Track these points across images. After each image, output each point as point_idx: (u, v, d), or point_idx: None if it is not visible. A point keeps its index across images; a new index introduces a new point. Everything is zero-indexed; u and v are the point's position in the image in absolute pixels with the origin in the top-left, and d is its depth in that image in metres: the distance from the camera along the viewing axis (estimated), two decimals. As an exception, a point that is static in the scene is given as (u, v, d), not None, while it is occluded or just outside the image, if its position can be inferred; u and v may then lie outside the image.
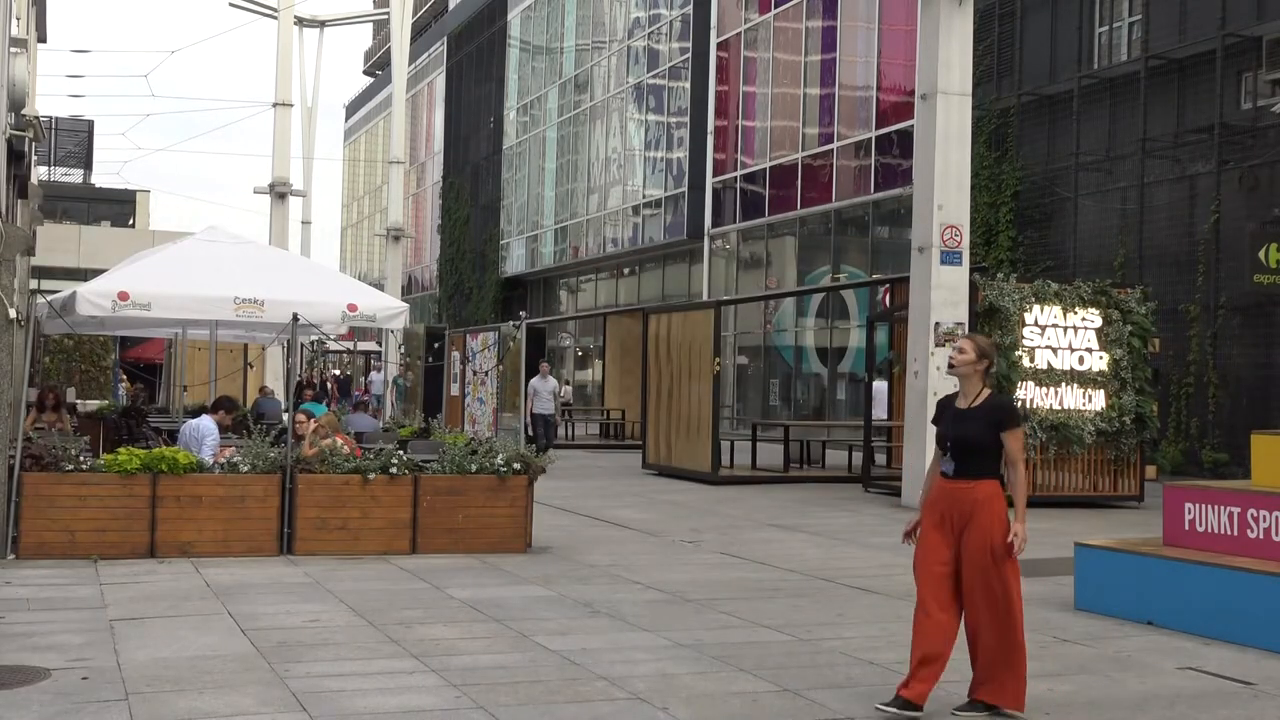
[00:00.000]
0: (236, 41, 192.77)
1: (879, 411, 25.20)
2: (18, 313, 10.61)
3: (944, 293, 16.32)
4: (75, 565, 10.16)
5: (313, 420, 12.32)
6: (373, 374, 32.18)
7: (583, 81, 44.04)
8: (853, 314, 29.45)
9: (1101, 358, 17.05)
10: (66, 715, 5.97)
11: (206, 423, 12.41)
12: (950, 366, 6.46)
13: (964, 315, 16.37)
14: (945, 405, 6.51)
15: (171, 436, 14.33)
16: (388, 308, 14.17)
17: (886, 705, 6.21)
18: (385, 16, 47.70)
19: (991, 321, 16.54)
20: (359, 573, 10.22)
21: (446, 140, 57.81)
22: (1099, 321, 17.12)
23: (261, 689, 6.52)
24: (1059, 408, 16.74)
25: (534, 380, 22.35)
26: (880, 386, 26.95)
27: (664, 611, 8.89)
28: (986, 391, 6.39)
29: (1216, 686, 7.00)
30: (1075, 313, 17.00)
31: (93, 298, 12.52)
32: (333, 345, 36.74)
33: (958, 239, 16.44)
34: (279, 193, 36.59)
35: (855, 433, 22.22)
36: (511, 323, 25.18)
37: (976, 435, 6.27)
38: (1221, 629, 8.13)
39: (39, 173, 34.61)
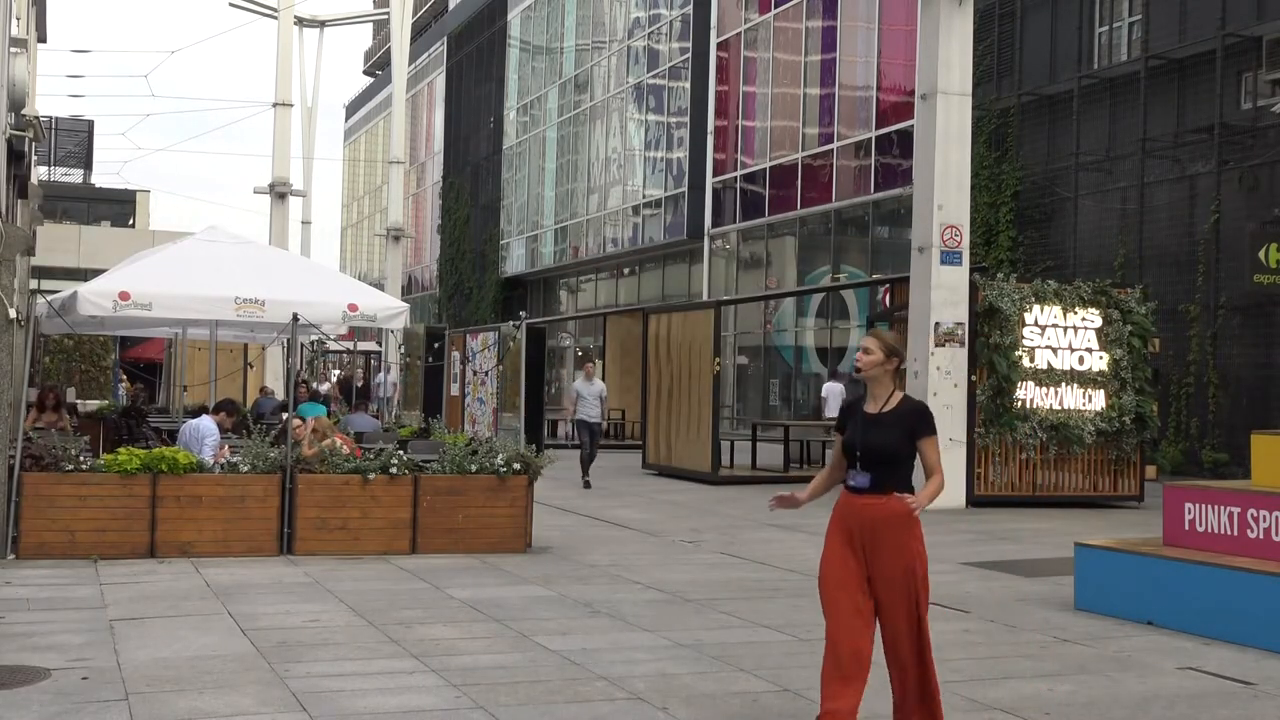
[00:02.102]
0: (236, 41, 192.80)
1: (831, 412, 25.69)
2: (18, 313, 10.61)
3: (944, 293, 16.33)
4: (75, 565, 10.16)
5: (309, 420, 12.33)
6: (379, 374, 32.10)
7: (583, 81, 44.03)
8: (853, 314, 29.45)
9: (1101, 358, 17.06)
10: (66, 715, 5.97)
11: (206, 423, 12.40)
12: (856, 370, 5.80)
13: (964, 315, 16.39)
14: (851, 410, 5.82)
15: (171, 436, 14.34)
16: (388, 308, 14.16)
17: None
18: (385, 16, 47.73)
19: (991, 321, 16.56)
20: (359, 573, 10.22)
21: (446, 140, 57.81)
22: (1099, 321, 17.13)
23: (261, 689, 6.52)
24: (1059, 408, 16.75)
25: (577, 383, 19.70)
26: (831, 387, 27.42)
27: (664, 611, 8.89)
28: (898, 394, 5.74)
29: (1216, 686, 6.99)
30: (1075, 313, 17.01)
31: (93, 298, 12.52)
32: (333, 345, 36.71)
33: (958, 239, 16.45)
34: (279, 193, 36.62)
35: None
36: (511, 323, 25.14)
37: (889, 444, 5.59)
38: (1221, 629, 8.13)
39: (39, 173, 34.62)
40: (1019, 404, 16.54)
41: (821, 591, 5.73)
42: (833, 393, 26.97)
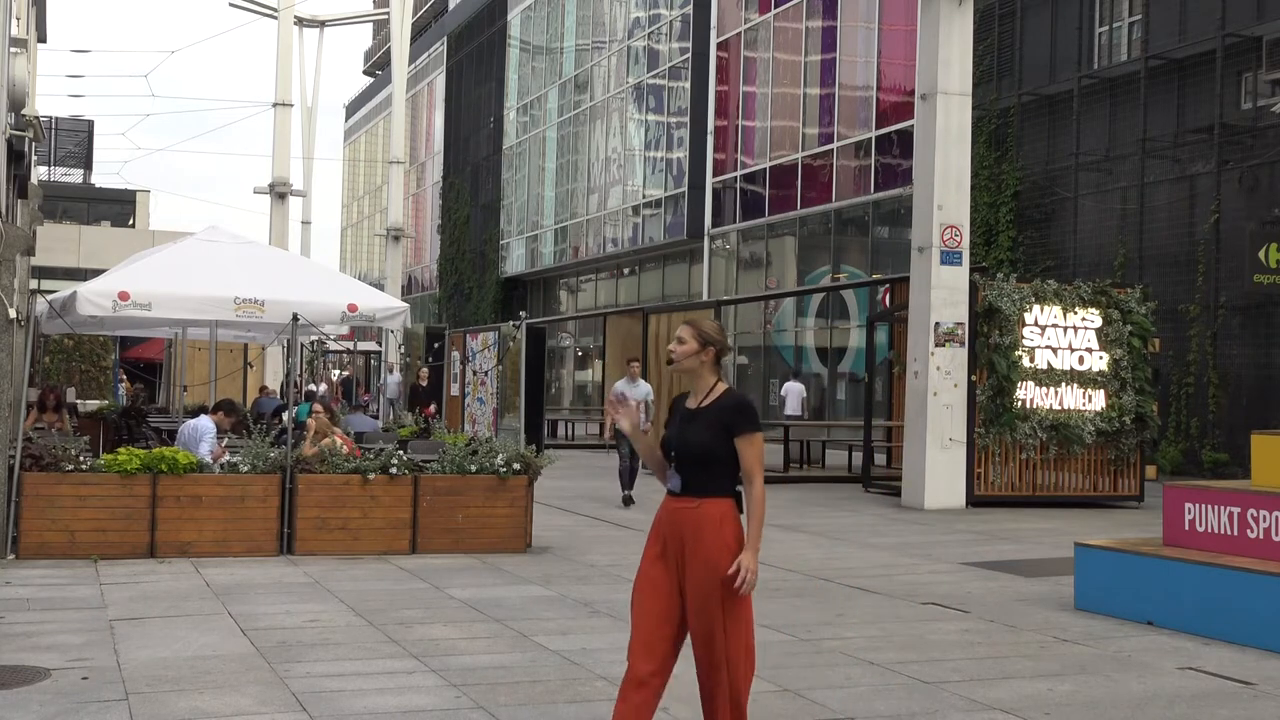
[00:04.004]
0: (236, 41, 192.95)
1: (790, 410, 25.93)
2: (18, 313, 10.61)
3: (944, 293, 16.33)
4: (75, 565, 10.16)
5: (309, 421, 12.34)
6: (387, 375, 32.05)
7: (583, 81, 44.04)
8: (853, 314, 29.45)
9: (1101, 358, 17.06)
10: (66, 715, 5.97)
11: (205, 422, 12.42)
12: (669, 361, 5.24)
13: (964, 315, 16.39)
14: (675, 405, 5.24)
15: (171, 436, 14.34)
16: (388, 308, 14.16)
17: None
18: (385, 16, 47.73)
19: (991, 321, 16.56)
20: (359, 573, 10.22)
21: (446, 140, 57.82)
22: (1099, 321, 17.12)
23: (261, 689, 6.52)
24: (1059, 408, 16.75)
25: (619, 384, 15.98)
26: (791, 386, 27.64)
27: (664, 611, 8.88)
28: (721, 387, 5.09)
29: (1216, 686, 6.99)
30: (1075, 313, 17.01)
31: (93, 298, 12.52)
32: (333, 345, 36.75)
33: (958, 239, 16.45)
34: (279, 193, 36.65)
35: (855, 433, 22.23)
36: (511, 323, 25.13)
37: (704, 441, 4.96)
38: (1221, 629, 8.13)
39: (39, 173, 34.63)
40: (1019, 404, 16.54)
41: (631, 602, 5.11)
42: (792, 392, 27.21)
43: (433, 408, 23.09)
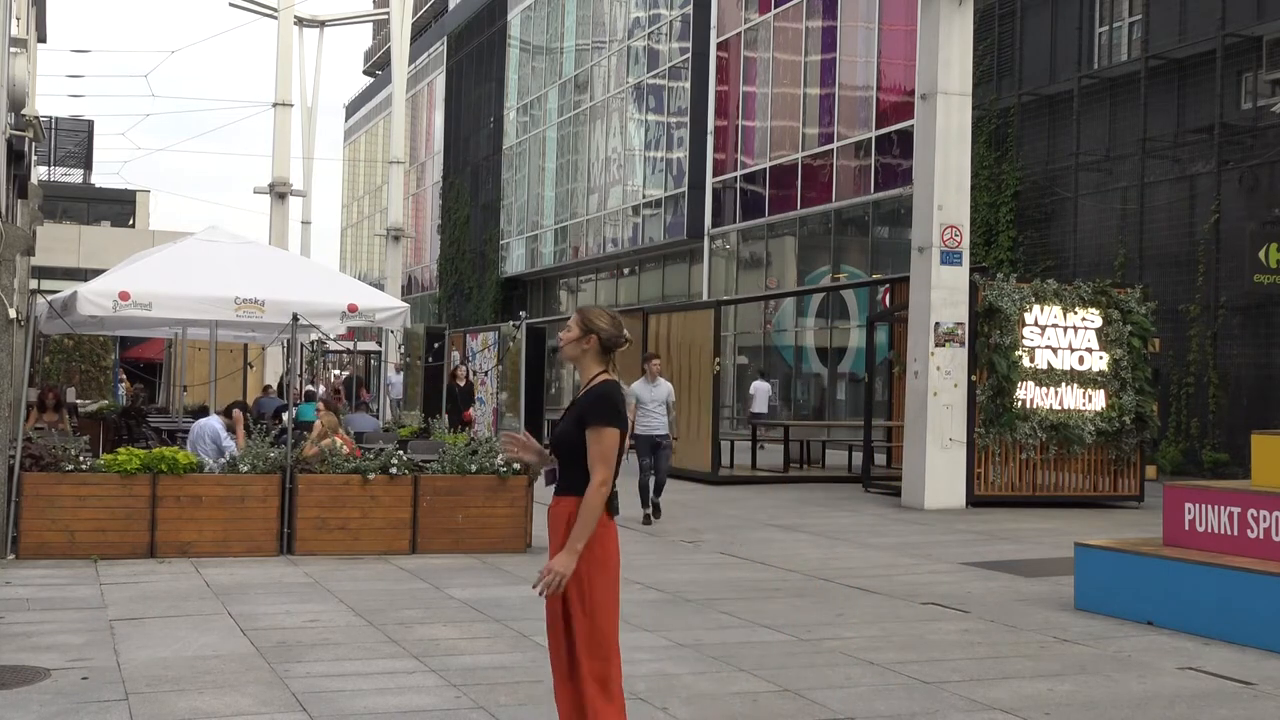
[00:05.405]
0: (236, 41, 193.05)
1: (758, 407, 26.08)
2: (18, 313, 10.61)
3: (944, 293, 16.34)
4: (75, 565, 10.17)
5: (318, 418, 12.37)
6: (391, 375, 31.99)
7: (583, 81, 44.04)
8: (853, 314, 29.45)
9: (1101, 358, 17.06)
10: (66, 715, 5.97)
11: (213, 421, 12.45)
12: (555, 350, 5.35)
13: (964, 315, 16.39)
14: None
15: (171, 436, 14.34)
16: (387, 308, 14.17)
17: None
18: (385, 16, 47.73)
19: (991, 321, 16.56)
20: (359, 573, 10.23)
21: (446, 140, 57.81)
22: (1099, 321, 17.12)
23: (261, 689, 6.52)
24: (1059, 408, 16.75)
25: (636, 384, 14.20)
26: (759, 385, 27.77)
27: (664, 611, 8.89)
28: (601, 378, 4.87)
29: (1216, 686, 6.99)
30: (1075, 313, 17.01)
31: (93, 298, 12.53)
32: (333, 345, 36.78)
33: (958, 239, 16.45)
34: (279, 193, 36.67)
35: (855, 433, 22.23)
36: (511, 323, 25.12)
37: (563, 433, 4.82)
38: (1221, 629, 8.13)
39: (39, 173, 34.63)
40: (1019, 404, 16.54)
41: None
42: (760, 391, 27.33)
43: (471, 412, 22.80)
